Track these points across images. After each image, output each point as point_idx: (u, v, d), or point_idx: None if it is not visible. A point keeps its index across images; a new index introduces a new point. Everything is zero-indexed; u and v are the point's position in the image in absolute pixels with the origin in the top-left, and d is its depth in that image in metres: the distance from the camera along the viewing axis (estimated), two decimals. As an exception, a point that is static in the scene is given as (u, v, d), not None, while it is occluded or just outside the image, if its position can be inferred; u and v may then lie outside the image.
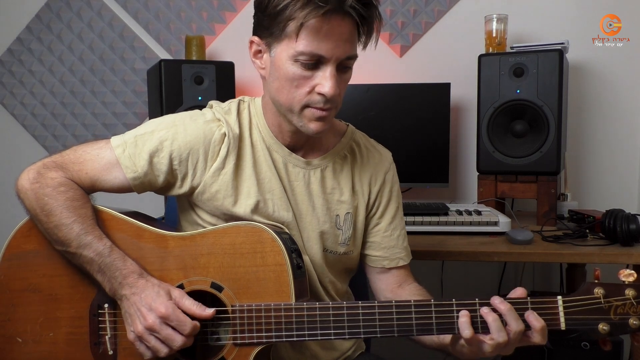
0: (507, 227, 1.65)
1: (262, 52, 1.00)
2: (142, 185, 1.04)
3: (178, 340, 0.89)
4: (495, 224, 1.65)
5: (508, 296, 0.87)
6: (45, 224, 0.98)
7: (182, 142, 1.02)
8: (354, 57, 0.97)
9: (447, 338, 0.95)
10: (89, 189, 1.03)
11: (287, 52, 0.94)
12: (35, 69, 2.39)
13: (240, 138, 1.06)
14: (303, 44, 0.91)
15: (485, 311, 0.85)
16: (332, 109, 0.99)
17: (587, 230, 1.63)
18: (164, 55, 2.35)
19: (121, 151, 1.02)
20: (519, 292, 0.88)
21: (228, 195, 1.04)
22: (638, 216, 1.50)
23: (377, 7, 0.95)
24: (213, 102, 1.12)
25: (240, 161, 1.05)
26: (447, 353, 0.98)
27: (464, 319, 0.85)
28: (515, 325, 0.83)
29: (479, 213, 1.72)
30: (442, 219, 1.67)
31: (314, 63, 0.94)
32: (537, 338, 0.84)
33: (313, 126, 0.99)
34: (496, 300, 0.85)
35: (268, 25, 0.95)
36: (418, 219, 1.66)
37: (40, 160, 1.04)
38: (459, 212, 1.74)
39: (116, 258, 0.95)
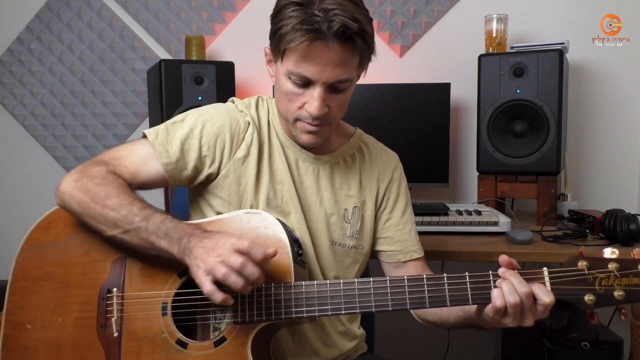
0: (507, 227, 1.65)
1: (272, 61, 1.07)
2: (173, 172, 1.07)
3: (256, 272, 0.86)
4: (495, 224, 1.66)
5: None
6: (101, 209, 0.97)
7: (211, 130, 1.08)
8: (345, 80, 1.01)
9: (472, 308, 0.97)
10: (128, 183, 1.05)
11: (282, 68, 1.01)
12: (35, 69, 2.39)
13: (259, 130, 1.12)
14: (291, 64, 0.98)
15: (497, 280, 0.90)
16: (323, 125, 1.05)
17: (587, 230, 1.63)
18: (164, 55, 2.35)
19: (154, 137, 1.07)
20: (502, 258, 0.91)
21: (250, 181, 1.09)
22: (638, 216, 1.50)
23: (366, 37, 0.97)
24: (234, 99, 1.18)
25: (261, 152, 1.11)
26: (471, 325, 1.00)
27: (497, 290, 0.88)
28: (520, 286, 0.86)
29: (479, 213, 1.72)
30: (442, 219, 1.67)
31: (304, 83, 1.00)
32: (542, 297, 0.86)
33: (304, 138, 1.07)
34: (501, 270, 0.90)
35: (272, 41, 1.02)
36: (418, 219, 1.66)
37: (77, 166, 1.06)
38: (459, 212, 1.75)
39: (178, 222, 0.96)
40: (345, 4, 0.94)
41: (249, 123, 1.11)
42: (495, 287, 0.89)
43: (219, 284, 0.87)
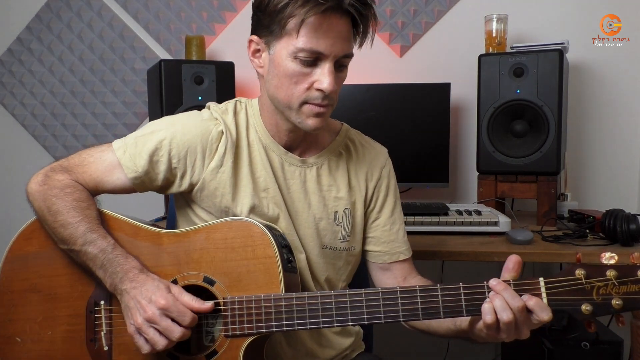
0: (507, 227, 1.65)
1: (261, 50, 1.03)
2: (142, 184, 1.06)
3: (177, 331, 0.90)
4: (495, 224, 1.65)
5: (505, 266, 0.90)
6: (52, 223, 1.00)
7: (181, 141, 1.05)
8: (350, 55, 1.00)
9: (464, 323, 0.96)
10: (93, 191, 1.06)
11: (286, 49, 0.97)
12: (35, 69, 2.39)
13: (237, 137, 1.08)
14: (303, 40, 0.94)
15: (490, 295, 0.87)
16: (329, 105, 1.02)
17: (587, 230, 1.63)
18: (164, 55, 2.35)
19: (122, 152, 1.04)
20: (513, 259, 0.89)
21: (226, 192, 1.06)
22: (638, 216, 1.50)
23: (373, 7, 0.99)
24: (210, 104, 1.14)
25: (238, 160, 1.07)
26: (463, 338, 0.98)
27: (487, 305, 0.85)
28: (513, 301, 0.84)
29: (479, 213, 1.72)
30: (442, 219, 1.67)
31: (313, 60, 0.97)
32: (539, 314, 0.84)
33: (311, 122, 1.01)
34: (493, 282, 0.87)
35: (268, 24, 0.98)
36: (418, 219, 1.66)
37: (48, 164, 1.08)
38: (459, 212, 1.74)
39: (118, 255, 0.97)
40: None
41: (222, 132, 1.06)
42: (487, 298, 0.86)
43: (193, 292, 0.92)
